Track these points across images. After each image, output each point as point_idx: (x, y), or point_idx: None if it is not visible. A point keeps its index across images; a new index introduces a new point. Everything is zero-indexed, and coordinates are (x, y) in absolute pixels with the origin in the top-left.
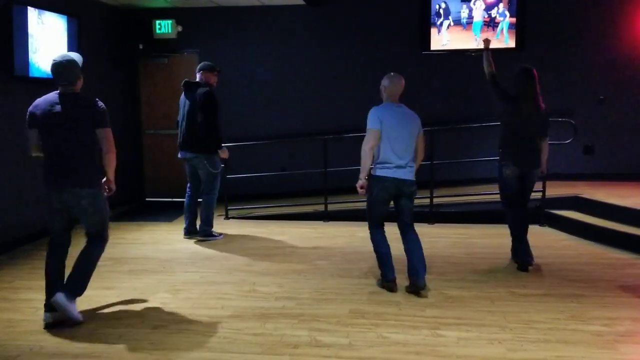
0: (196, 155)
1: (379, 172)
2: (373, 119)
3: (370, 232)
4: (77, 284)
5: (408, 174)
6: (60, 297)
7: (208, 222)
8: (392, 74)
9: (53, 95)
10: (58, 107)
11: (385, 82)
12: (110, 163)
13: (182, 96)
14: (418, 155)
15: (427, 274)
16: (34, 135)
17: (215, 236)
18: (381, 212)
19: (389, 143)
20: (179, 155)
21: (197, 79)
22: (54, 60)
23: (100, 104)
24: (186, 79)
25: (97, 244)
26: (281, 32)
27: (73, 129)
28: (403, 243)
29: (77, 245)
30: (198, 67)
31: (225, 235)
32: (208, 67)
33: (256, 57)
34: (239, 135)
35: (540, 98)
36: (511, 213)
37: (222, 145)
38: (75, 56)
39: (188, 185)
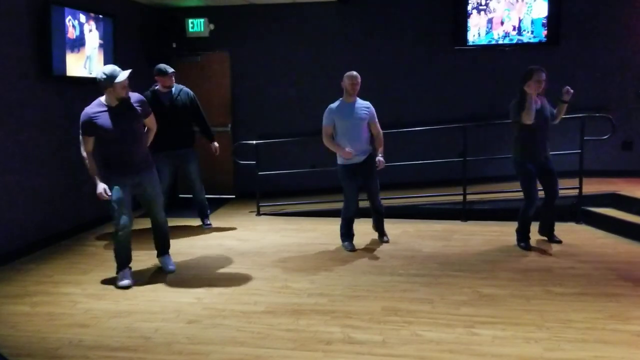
0: (188, 149)
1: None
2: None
3: None
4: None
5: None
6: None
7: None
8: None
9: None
10: None
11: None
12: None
13: (153, 101)
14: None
15: (459, 271)
16: None
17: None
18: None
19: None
20: (161, 156)
21: (165, 83)
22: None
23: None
24: (156, 86)
25: None
26: (313, 29)
27: None
28: None
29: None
30: (160, 70)
31: (257, 231)
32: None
33: (287, 55)
34: (269, 132)
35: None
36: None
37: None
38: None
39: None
